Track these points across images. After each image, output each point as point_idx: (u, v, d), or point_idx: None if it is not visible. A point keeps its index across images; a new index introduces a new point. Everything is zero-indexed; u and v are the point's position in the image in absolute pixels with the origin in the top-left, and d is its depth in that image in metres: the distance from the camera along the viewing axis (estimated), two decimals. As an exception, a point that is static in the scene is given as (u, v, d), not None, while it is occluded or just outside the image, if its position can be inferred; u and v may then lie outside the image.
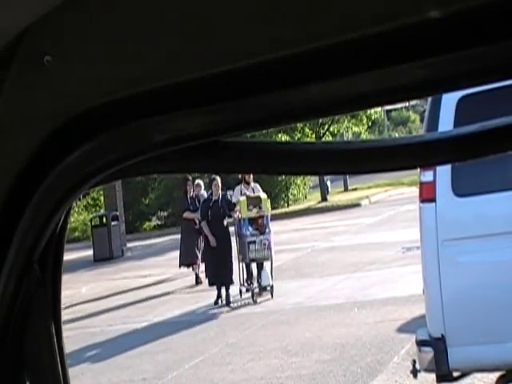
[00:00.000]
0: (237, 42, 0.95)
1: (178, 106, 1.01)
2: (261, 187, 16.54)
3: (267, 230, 15.35)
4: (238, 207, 15.58)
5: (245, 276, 15.48)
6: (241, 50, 0.95)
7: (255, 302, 14.72)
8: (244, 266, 15.48)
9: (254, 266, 15.59)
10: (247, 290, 15.40)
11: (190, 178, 17.61)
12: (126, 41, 1.00)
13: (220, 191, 15.92)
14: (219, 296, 15.18)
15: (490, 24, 0.88)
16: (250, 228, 15.34)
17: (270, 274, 15.10)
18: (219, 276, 15.31)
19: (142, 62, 1.00)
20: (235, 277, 15.36)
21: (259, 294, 15.09)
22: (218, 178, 15.73)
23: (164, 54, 0.99)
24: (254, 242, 15.25)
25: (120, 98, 1.02)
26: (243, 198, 15.44)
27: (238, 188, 16.44)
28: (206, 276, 15.97)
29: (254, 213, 15.29)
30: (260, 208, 15.32)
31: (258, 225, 15.29)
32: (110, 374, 11.36)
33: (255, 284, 15.33)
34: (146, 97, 1.01)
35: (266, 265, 15.35)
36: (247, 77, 0.97)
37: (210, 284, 15.61)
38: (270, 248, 15.25)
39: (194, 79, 0.98)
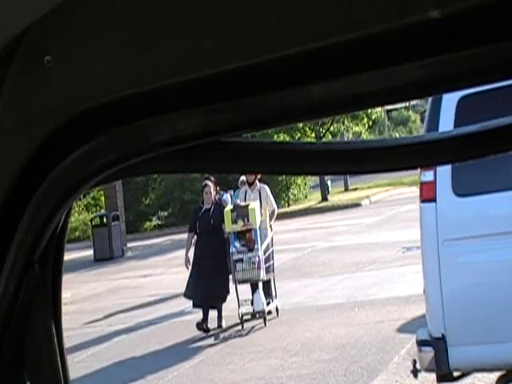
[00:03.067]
0: (236, 41, 0.95)
1: (177, 105, 1.01)
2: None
3: (256, 246, 12.75)
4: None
5: (240, 298, 12.84)
6: (241, 49, 0.95)
7: (245, 333, 12.55)
8: (236, 286, 12.87)
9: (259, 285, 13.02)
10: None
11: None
12: (126, 41, 1.00)
13: (213, 199, 13.55)
14: (205, 320, 12.84)
15: (489, 24, 0.88)
16: (237, 244, 12.87)
17: (263, 297, 12.82)
18: (207, 299, 12.99)
19: (142, 62, 1.00)
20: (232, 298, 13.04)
21: (250, 320, 12.96)
22: (211, 185, 13.51)
23: (163, 54, 0.98)
24: (242, 261, 12.76)
25: (120, 98, 1.02)
26: (228, 209, 13.05)
27: (242, 190, 13.93)
28: (185, 294, 13.40)
29: (239, 226, 12.77)
30: (248, 220, 12.74)
31: (246, 240, 12.80)
32: (109, 373, 11.36)
33: (242, 310, 12.84)
34: (146, 97, 1.01)
35: (261, 286, 12.97)
36: (247, 76, 0.97)
37: (194, 306, 13.23)
38: (259, 267, 12.70)
39: (194, 79, 0.98)
